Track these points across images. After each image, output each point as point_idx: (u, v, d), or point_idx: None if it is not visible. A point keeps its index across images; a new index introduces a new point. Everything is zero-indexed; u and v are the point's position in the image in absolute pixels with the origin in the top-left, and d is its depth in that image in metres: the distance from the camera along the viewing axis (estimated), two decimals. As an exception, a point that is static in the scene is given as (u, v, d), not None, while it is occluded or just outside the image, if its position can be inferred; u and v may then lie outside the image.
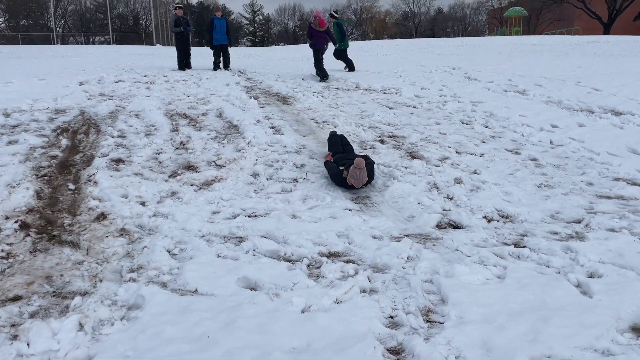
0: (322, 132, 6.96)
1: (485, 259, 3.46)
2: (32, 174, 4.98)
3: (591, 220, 4.13)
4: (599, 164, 5.69)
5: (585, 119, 7.59)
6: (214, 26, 13.32)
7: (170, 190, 4.80)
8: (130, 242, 3.71)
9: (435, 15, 68.85)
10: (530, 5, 49.75)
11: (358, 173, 4.87)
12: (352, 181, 4.87)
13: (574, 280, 3.16)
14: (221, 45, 13.59)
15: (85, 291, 3.03)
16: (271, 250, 3.63)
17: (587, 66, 13.01)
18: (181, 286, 3.12)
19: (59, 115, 7.38)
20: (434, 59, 16.90)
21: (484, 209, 4.40)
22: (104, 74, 11.94)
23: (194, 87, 10.28)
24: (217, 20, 13.39)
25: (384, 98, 9.47)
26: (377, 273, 3.30)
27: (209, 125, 7.12)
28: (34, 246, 3.57)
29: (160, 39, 35.95)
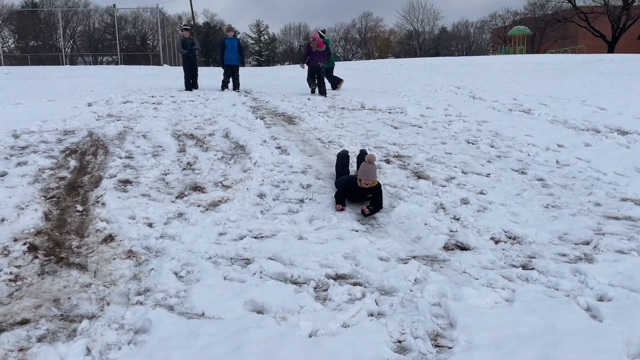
0: (328, 152, 6.98)
1: (493, 281, 3.45)
2: (40, 195, 5.02)
3: (599, 241, 4.11)
4: (606, 184, 5.67)
5: (591, 138, 7.59)
6: (225, 46, 13.50)
7: (177, 211, 4.82)
8: (138, 264, 3.72)
9: (440, 34, 69.44)
10: (534, 24, 50.15)
11: (368, 167, 4.85)
12: (361, 175, 4.86)
13: (583, 303, 3.14)
14: (232, 66, 13.74)
15: (92, 314, 3.03)
16: (278, 272, 3.62)
17: (592, 85, 13.04)
18: (188, 309, 3.12)
19: (68, 137, 7.46)
20: (438, 78, 17.01)
21: (491, 230, 4.39)
22: (112, 94, 12.08)
23: (200, 108, 10.37)
24: (229, 40, 13.57)
25: (389, 118, 9.51)
26: (385, 296, 3.29)
27: (215, 146, 7.17)
28: (42, 268, 3.58)
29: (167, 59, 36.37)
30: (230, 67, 13.76)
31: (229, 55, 13.55)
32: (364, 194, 5.00)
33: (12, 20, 51.05)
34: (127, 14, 55.13)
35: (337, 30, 72.45)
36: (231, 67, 13.79)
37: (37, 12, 52.90)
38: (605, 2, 45.60)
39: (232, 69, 13.83)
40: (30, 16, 51.78)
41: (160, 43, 37.96)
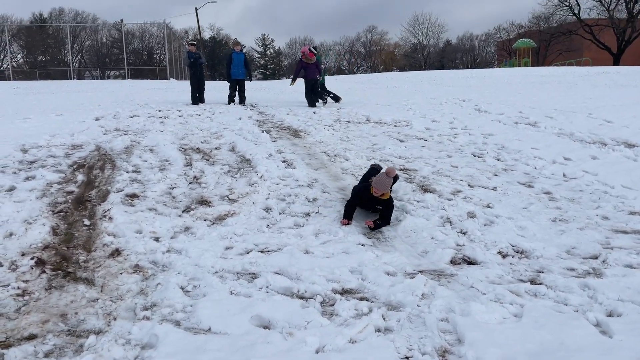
0: (333, 166, 7.00)
1: (501, 296, 3.42)
2: (48, 209, 5.05)
3: (608, 255, 4.08)
4: (614, 197, 5.64)
5: (598, 151, 7.57)
6: (232, 60, 13.64)
7: (183, 226, 4.83)
8: (144, 279, 3.72)
9: (444, 47, 69.70)
10: (538, 37, 50.28)
11: (383, 179, 4.83)
12: (374, 184, 4.85)
13: (592, 319, 3.11)
14: (237, 80, 13.85)
15: (99, 330, 3.03)
16: (284, 287, 3.61)
17: (597, 97, 13.04)
18: (195, 324, 3.11)
19: (76, 151, 7.51)
20: (443, 91, 17.05)
21: (499, 244, 4.37)
22: (120, 109, 12.18)
23: (207, 122, 10.44)
24: (236, 55, 13.73)
25: (395, 131, 9.53)
26: (392, 311, 3.27)
27: (222, 160, 7.20)
28: (49, 283, 3.59)
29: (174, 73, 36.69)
30: (236, 81, 13.87)
31: (235, 70, 13.69)
32: (374, 204, 5.01)
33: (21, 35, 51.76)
34: (134, 28, 55.83)
35: (342, 43, 73.02)
36: (237, 82, 13.90)
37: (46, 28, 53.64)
38: (610, 15, 45.74)
39: (238, 83, 13.94)
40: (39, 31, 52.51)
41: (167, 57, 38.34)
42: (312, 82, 13.30)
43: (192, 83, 13.87)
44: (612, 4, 45.86)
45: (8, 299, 3.35)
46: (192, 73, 13.78)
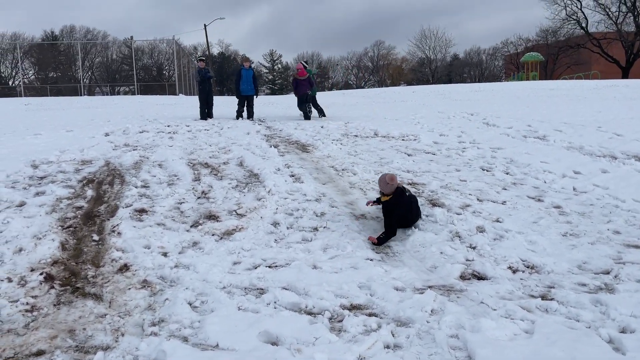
0: (341, 180, 6.99)
1: (512, 312, 3.38)
2: (57, 225, 5.07)
3: (620, 271, 4.02)
4: (625, 211, 5.58)
5: (608, 164, 7.51)
6: (240, 76, 13.78)
7: (191, 240, 4.83)
8: (152, 294, 3.72)
9: (452, 61, 69.87)
10: (546, 51, 50.27)
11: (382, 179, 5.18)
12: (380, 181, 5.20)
13: (605, 335, 3.05)
14: (246, 96, 13.97)
15: (107, 346, 3.02)
16: (292, 302, 3.59)
17: (607, 111, 12.98)
18: (202, 340, 3.09)
19: (85, 166, 7.57)
20: (451, 105, 17.05)
21: (509, 259, 4.32)
22: (129, 124, 12.29)
23: (215, 137, 10.50)
24: (245, 71, 13.85)
25: (403, 145, 9.52)
26: (401, 327, 3.23)
27: (230, 174, 7.22)
28: (58, 299, 3.60)
29: (182, 88, 37.05)
30: (245, 97, 14.00)
31: (244, 86, 13.84)
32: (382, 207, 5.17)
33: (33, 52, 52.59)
34: (144, 45, 56.55)
35: (349, 58, 73.42)
36: (246, 97, 14.02)
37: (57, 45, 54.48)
38: (618, 28, 45.69)
39: (247, 98, 14.06)
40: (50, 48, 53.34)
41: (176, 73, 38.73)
42: (303, 96, 14.01)
43: (200, 98, 14.00)
44: (620, 17, 45.87)
45: (17, 314, 3.35)
46: (201, 88, 13.93)
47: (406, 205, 5.12)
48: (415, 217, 5.21)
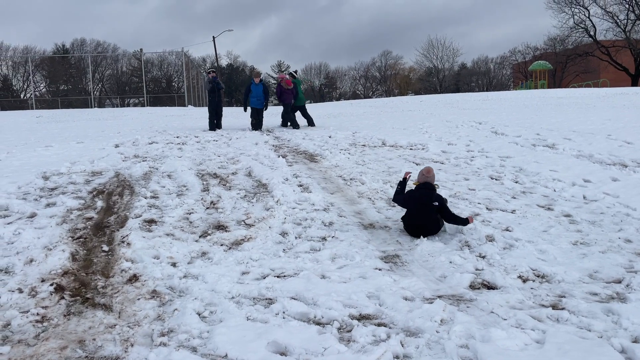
0: (349, 190, 6.99)
1: (522, 322, 3.35)
2: (68, 236, 5.11)
3: (632, 280, 3.98)
4: (636, 219, 5.53)
5: (618, 173, 7.45)
6: (250, 91, 13.93)
7: (200, 251, 4.85)
8: (161, 305, 3.73)
9: (459, 70, 69.84)
10: (554, 59, 50.11)
11: (423, 172, 5.42)
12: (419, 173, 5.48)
13: (617, 345, 3.02)
14: (257, 109, 14.13)
15: (117, 356, 3.03)
16: (301, 312, 3.59)
17: (616, 119, 12.90)
18: (211, 351, 3.09)
19: (95, 177, 7.64)
20: (459, 114, 17.02)
21: (519, 269, 4.29)
22: (139, 135, 12.39)
23: (224, 147, 10.55)
24: (254, 87, 13.94)
25: (411, 154, 9.52)
26: (410, 337, 3.21)
27: (238, 185, 7.25)
28: (68, 309, 3.61)
29: (191, 100, 37.30)
30: (256, 110, 14.16)
31: (253, 100, 14.03)
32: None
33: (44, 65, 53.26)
34: (153, 57, 57.12)
35: (357, 68, 73.62)
36: (257, 110, 14.17)
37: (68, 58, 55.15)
38: (627, 36, 45.50)
39: (257, 111, 14.20)
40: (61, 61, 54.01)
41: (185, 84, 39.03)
42: (288, 105, 14.61)
43: (210, 109, 14.09)
44: (628, 24, 45.68)
45: (27, 325, 3.37)
46: (211, 99, 14.04)
47: (414, 199, 5.27)
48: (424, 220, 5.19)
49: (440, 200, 5.22)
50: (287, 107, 14.65)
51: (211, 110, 14.05)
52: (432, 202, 5.18)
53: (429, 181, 5.35)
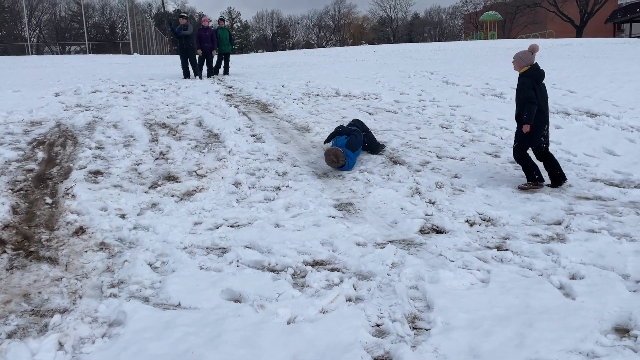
0: (303, 139, 6.94)
1: (469, 263, 3.48)
2: (7, 188, 4.86)
3: (571, 221, 4.19)
4: (577, 165, 5.78)
5: (561, 121, 7.72)
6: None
7: (150, 202, 4.73)
8: (111, 256, 3.64)
9: (412, 20, 69.51)
10: (504, 10, 50.56)
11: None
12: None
13: (556, 282, 3.20)
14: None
15: (64, 308, 2.96)
16: (255, 260, 3.59)
17: (561, 69, 13.24)
18: (164, 300, 3.07)
19: (35, 128, 7.24)
20: (412, 64, 17.03)
21: (466, 213, 4.43)
22: (81, 84, 11.75)
23: (172, 96, 10.18)
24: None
25: (364, 104, 9.50)
26: (362, 281, 3.29)
27: (189, 135, 7.05)
28: (11, 263, 3.48)
29: (137, 47, 35.58)
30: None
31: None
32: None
33: (-27, 9, 49.21)
34: (94, 1, 53.71)
35: (310, 17, 72.01)
36: (205, 54, 13.77)
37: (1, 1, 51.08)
38: (573, -13, 46.23)
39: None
40: (-7, 5, 49.97)
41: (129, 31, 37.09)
42: (209, 55, 13.85)
43: (181, 57, 13.58)
44: (575, -24, 46.34)
45: (-33, 280, 3.23)
46: (180, 47, 13.48)
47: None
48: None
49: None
50: (206, 56, 14.05)
51: (182, 57, 13.54)
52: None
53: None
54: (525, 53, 5.11)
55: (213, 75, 14.17)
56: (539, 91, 5.01)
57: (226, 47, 14.44)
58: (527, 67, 5.10)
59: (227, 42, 14.43)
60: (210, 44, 13.70)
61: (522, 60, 5.11)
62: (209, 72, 14.09)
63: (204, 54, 13.75)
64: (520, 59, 5.12)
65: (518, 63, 5.13)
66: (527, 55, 5.10)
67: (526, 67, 5.10)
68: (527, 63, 5.09)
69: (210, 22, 14.34)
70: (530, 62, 5.10)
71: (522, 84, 5.05)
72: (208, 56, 13.88)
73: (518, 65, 5.14)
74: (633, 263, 3.41)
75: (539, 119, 5.01)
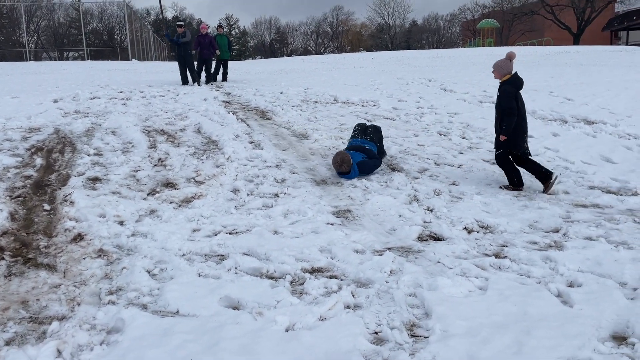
0: (301, 146, 6.96)
1: (467, 270, 3.49)
2: (5, 195, 4.86)
3: (569, 229, 4.20)
4: (574, 172, 5.81)
5: (559, 128, 7.75)
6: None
7: (149, 209, 4.73)
8: (109, 263, 3.64)
9: (410, 27, 69.79)
10: (502, 17, 50.84)
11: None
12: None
13: (554, 290, 3.20)
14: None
15: (62, 316, 2.95)
16: (253, 267, 3.59)
17: (558, 76, 13.31)
18: (162, 307, 3.06)
19: (33, 134, 7.24)
20: (410, 71, 17.10)
21: (464, 220, 4.44)
22: (79, 90, 11.76)
23: (171, 103, 10.20)
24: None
25: (362, 111, 9.53)
26: (361, 288, 3.29)
27: (187, 141, 7.06)
28: (9, 270, 3.47)
29: (136, 54, 35.64)
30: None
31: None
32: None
33: (-28, 14, 49.25)
34: (93, 7, 53.70)
35: (308, 23, 72.21)
36: (204, 60, 13.84)
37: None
38: (570, -5, 46.54)
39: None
40: (-9, 10, 50.03)
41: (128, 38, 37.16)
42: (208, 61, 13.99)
43: (179, 63, 13.64)
44: (572, -16, 46.64)
45: (-35, 287, 3.22)
46: (178, 53, 13.54)
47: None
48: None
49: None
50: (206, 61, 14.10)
51: (180, 64, 13.59)
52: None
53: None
54: (505, 61, 5.27)
55: (211, 82, 14.20)
56: (520, 98, 5.17)
57: (225, 53, 14.51)
58: (508, 75, 5.22)
59: (226, 49, 14.49)
60: (209, 51, 13.75)
61: (503, 69, 5.26)
62: (208, 78, 14.13)
63: (203, 60, 13.78)
64: (500, 67, 5.27)
65: (499, 72, 5.29)
66: (506, 63, 5.25)
67: (507, 75, 5.22)
68: (508, 71, 5.26)
69: (209, 28, 14.39)
70: (511, 70, 5.27)
71: (503, 92, 5.22)
72: (207, 63, 13.92)
73: (499, 74, 5.30)
74: (630, 271, 3.42)
75: (521, 125, 5.21)
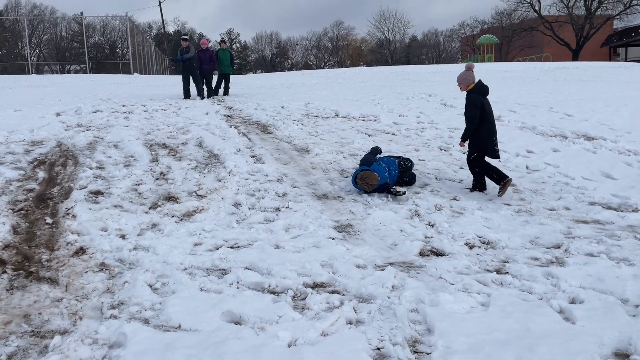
0: (302, 161, 6.98)
1: (469, 286, 3.49)
2: (8, 208, 4.87)
3: (570, 245, 4.21)
4: (575, 188, 5.82)
5: (559, 144, 7.79)
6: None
7: (150, 222, 4.74)
8: (111, 277, 3.64)
9: (410, 42, 70.31)
10: (501, 33, 51.26)
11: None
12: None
13: (556, 306, 3.20)
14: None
15: (64, 330, 2.95)
16: (255, 282, 3.60)
17: (558, 92, 13.40)
18: (164, 322, 3.06)
19: (36, 147, 7.28)
20: (410, 86, 17.20)
21: (466, 236, 4.45)
22: (81, 104, 11.83)
23: (173, 117, 10.26)
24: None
25: (363, 125, 9.58)
26: (363, 303, 3.29)
27: (189, 155, 7.09)
28: (11, 283, 3.47)
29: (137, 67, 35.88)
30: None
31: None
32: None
33: (-25, 28, 49.66)
34: (95, 22, 54.18)
35: (309, 38, 72.74)
36: (204, 75, 13.93)
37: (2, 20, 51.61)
38: (569, 12, 46.99)
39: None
40: (-6, 24, 50.47)
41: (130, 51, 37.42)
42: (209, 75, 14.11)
43: (183, 77, 13.73)
44: (571, 0, 47.13)
45: (-33, 301, 3.22)
46: (183, 67, 13.65)
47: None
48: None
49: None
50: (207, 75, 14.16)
51: (184, 78, 13.69)
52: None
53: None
54: (467, 73, 5.69)
55: (213, 96, 14.29)
56: (486, 104, 5.59)
57: (227, 68, 14.62)
58: (473, 84, 5.64)
59: (228, 63, 14.60)
60: (210, 66, 13.84)
61: (467, 80, 5.68)
62: (209, 92, 14.21)
63: (204, 75, 13.88)
64: (464, 79, 5.70)
65: (464, 83, 5.71)
66: (469, 74, 5.68)
67: (472, 84, 5.64)
68: (472, 81, 5.67)
69: (210, 43, 14.52)
70: (474, 80, 5.68)
71: (470, 100, 5.61)
72: (207, 77, 14.02)
73: (465, 85, 5.71)
74: (632, 287, 3.42)
75: (488, 129, 5.59)
